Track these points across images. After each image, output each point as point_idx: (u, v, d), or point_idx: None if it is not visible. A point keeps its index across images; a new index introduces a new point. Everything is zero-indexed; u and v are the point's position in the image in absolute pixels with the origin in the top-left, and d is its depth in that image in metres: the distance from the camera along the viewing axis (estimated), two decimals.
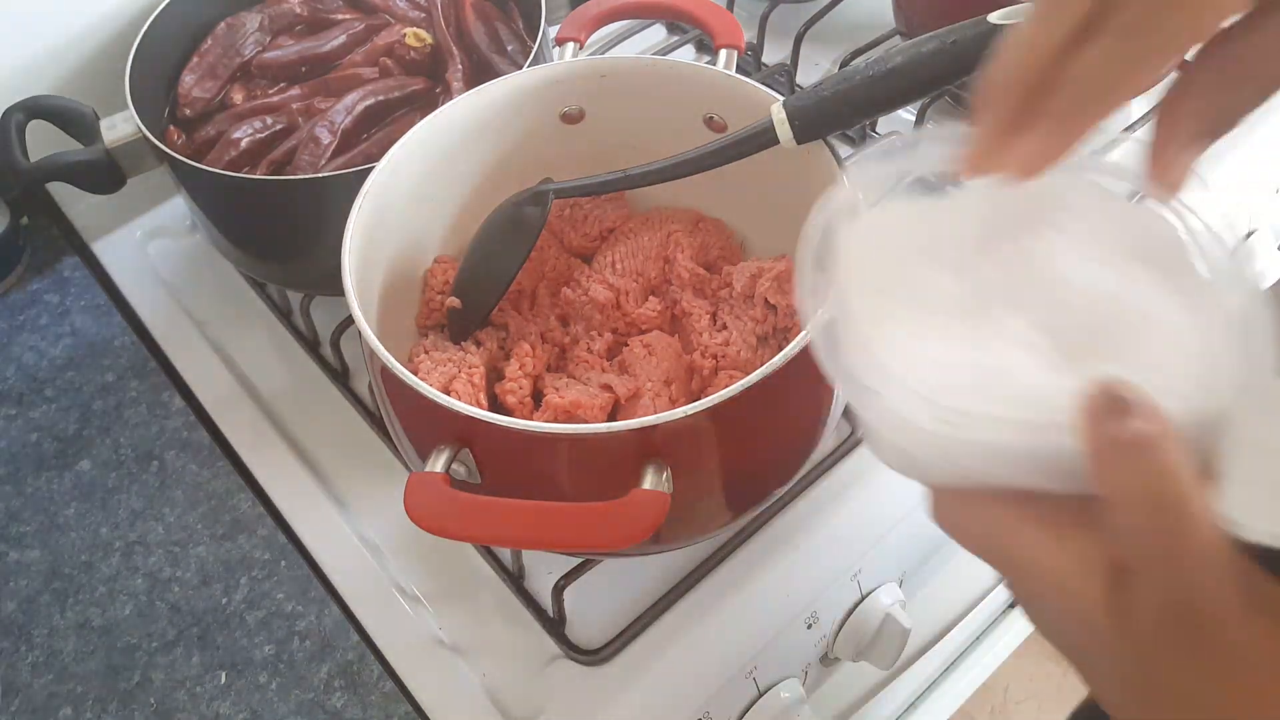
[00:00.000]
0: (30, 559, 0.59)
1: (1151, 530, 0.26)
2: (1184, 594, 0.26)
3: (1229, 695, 0.27)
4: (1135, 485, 0.26)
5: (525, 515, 0.43)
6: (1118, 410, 0.27)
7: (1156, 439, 0.26)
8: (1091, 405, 0.27)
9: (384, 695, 0.53)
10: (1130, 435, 0.26)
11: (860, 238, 0.34)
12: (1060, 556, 0.28)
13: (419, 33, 0.69)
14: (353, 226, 0.50)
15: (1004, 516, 0.30)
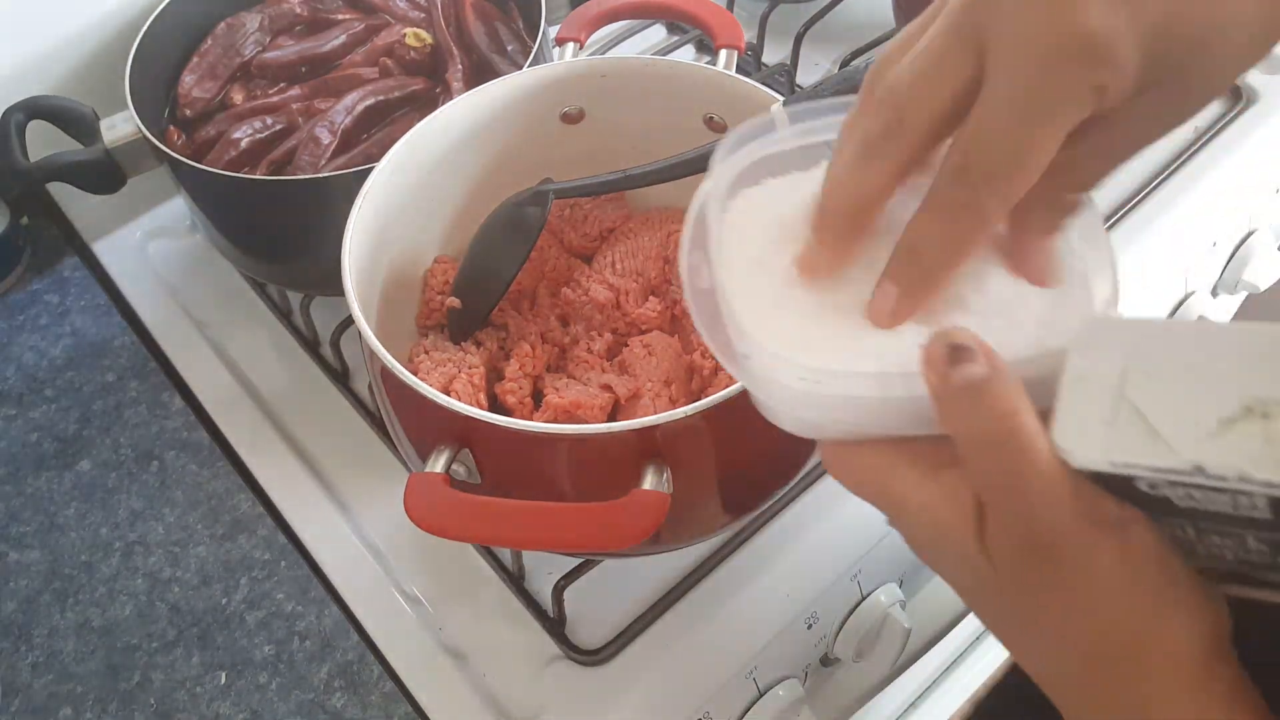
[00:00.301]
0: (30, 559, 0.59)
1: (994, 465, 0.29)
2: (1029, 521, 0.28)
3: (1079, 607, 0.29)
4: (975, 425, 0.29)
5: (525, 516, 0.43)
6: (955, 356, 0.29)
7: (990, 380, 0.28)
8: (930, 352, 0.29)
9: (384, 695, 0.53)
10: (964, 379, 0.28)
11: (733, 215, 0.36)
12: (932, 494, 0.31)
13: (419, 33, 0.69)
14: (353, 226, 0.50)
15: (881, 460, 0.32)
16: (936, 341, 0.29)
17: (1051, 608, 0.30)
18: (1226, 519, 0.27)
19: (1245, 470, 0.25)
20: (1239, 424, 0.26)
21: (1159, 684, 0.29)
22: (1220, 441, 0.26)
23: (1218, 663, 0.29)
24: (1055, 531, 0.28)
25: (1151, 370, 0.28)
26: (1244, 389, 0.26)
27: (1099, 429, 0.28)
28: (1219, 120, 0.75)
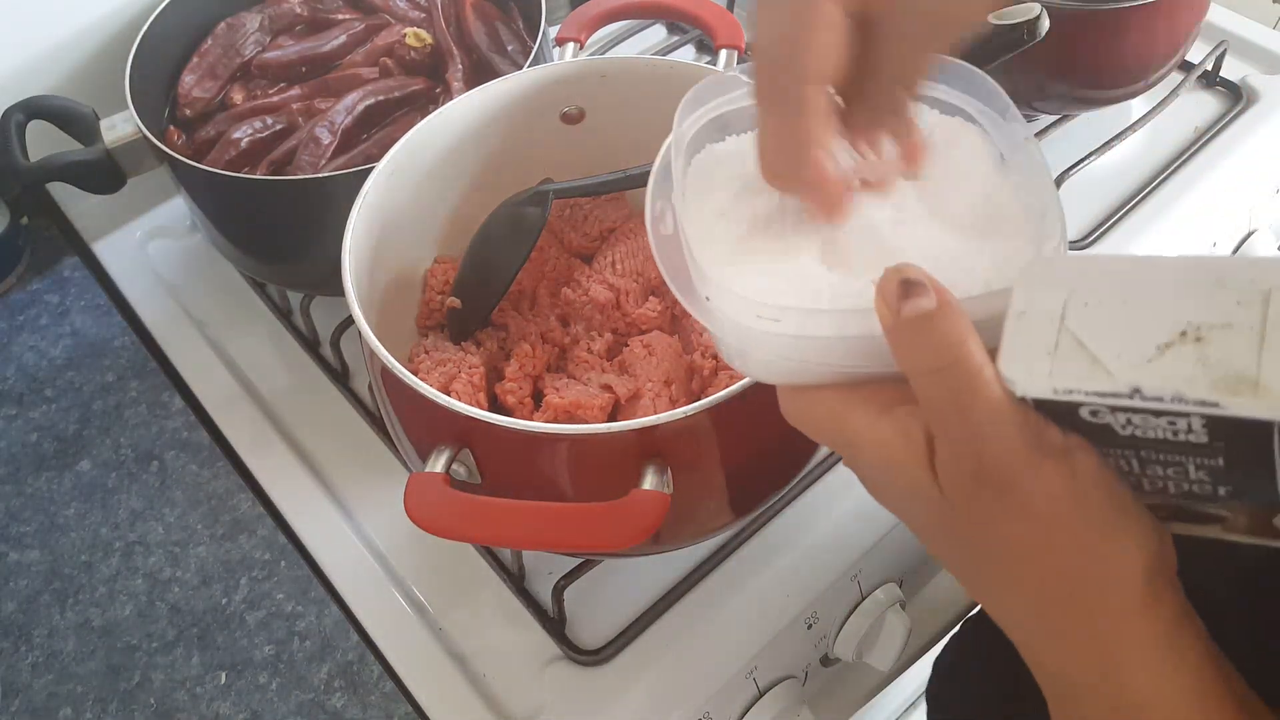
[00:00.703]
0: (30, 559, 0.59)
1: (941, 395, 0.29)
2: (976, 448, 0.29)
3: (1028, 534, 0.30)
4: (923, 356, 0.29)
5: (525, 516, 0.43)
6: (906, 290, 0.29)
7: (938, 312, 0.29)
8: (883, 287, 0.30)
9: (384, 695, 0.53)
10: (914, 310, 0.29)
11: (696, 168, 0.38)
12: (885, 430, 0.32)
13: (419, 33, 0.69)
14: (353, 226, 0.50)
15: (836, 401, 0.33)
16: (889, 276, 0.30)
17: (1002, 536, 0.30)
18: (1167, 445, 0.27)
19: (1180, 390, 0.26)
20: (1174, 348, 0.27)
21: (1108, 605, 0.30)
22: (1157, 365, 0.27)
23: (1163, 587, 0.30)
24: (1002, 459, 0.29)
25: (1091, 301, 0.28)
26: (1179, 315, 0.27)
27: (1043, 359, 0.28)
28: (1219, 120, 0.75)
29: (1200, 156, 0.73)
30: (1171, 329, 0.27)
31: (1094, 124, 0.73)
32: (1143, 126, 0.72)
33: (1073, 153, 0.70)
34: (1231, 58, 0.78)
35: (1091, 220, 0.70)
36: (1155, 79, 0.69)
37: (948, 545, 0.33)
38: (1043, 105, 0.71)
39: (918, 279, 0.29)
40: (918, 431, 0.31)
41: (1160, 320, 0.27)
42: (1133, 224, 0.69)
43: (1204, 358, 0.26)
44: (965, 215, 0.35)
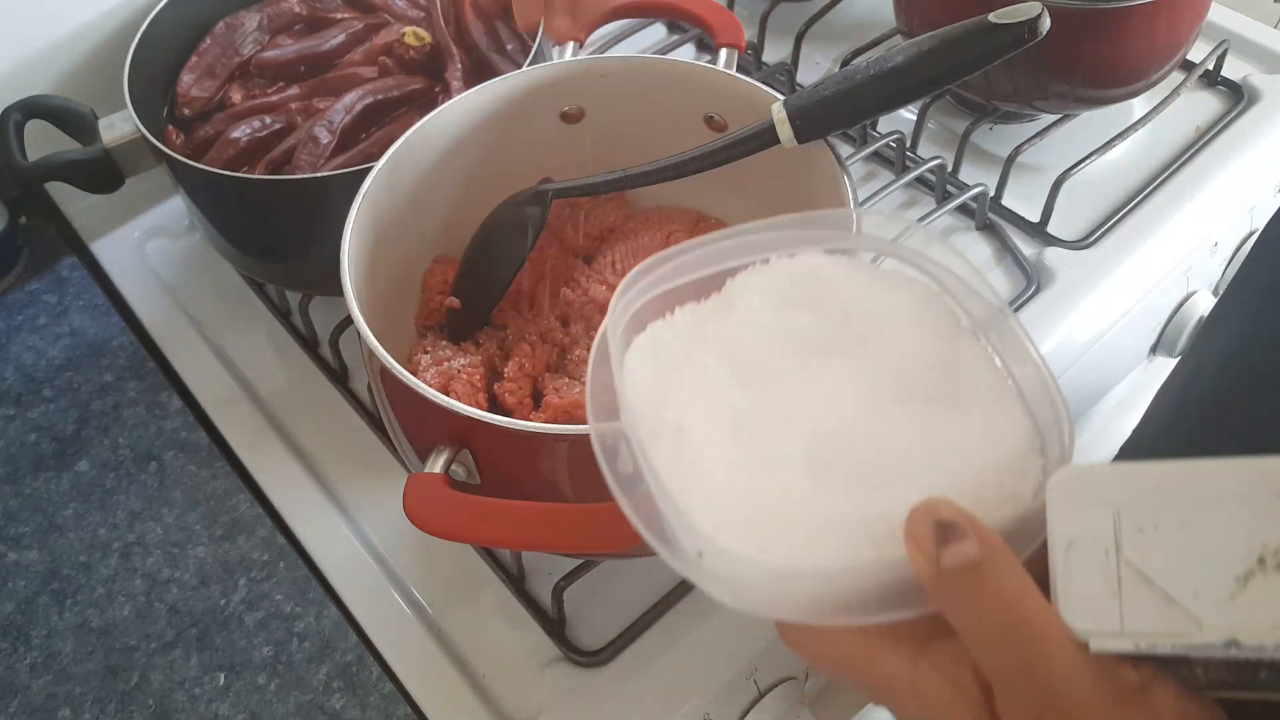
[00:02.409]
0: (28, 560, 0.59)
1: (1007, 654, 0.27)
2: (1051, 700, 0.26)
3: None
4: (980, 614, 0.27)
5: (525, 517, 0.42)
6: (944, 535, 0.27)
7: (988, 562, 0.26)
8: (915, 532, 0.27)
9: (383, 696, 0.53)
10: (960, 562, 0.26)
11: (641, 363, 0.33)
12: (930, 678, 0.29)
13: (418, 31, 0.69)
14: (352, 226, 0.50)
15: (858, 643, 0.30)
16: (920, 519, 0.27)
17: None
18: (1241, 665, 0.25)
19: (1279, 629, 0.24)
20: (1256, 579, 0.24)
21: None
22: (1244, 604, 0.24)
23: None
24: (1078, 712, 0.26)
25: (1145, 526, 0.26)
26: (1251, 537, 0.24)
27: (1108, 601, 0.26)
28: (1220, 119, 0.74)
29: (1201, 156, 0.73)
30: (1246, 555, 0.24)
31: (1095, 123, 0.73)
32: (1144, 126, 0.72)
33: (1073, 152, 0.70)
34: (1233, 57, 0.77)
35: (1092, 220, 0.70)
36: (1156, 78, 0.69)
37: None
38: (1043, 104, 0.71)
39: (953, 520, 0.27)
40: (968, 680, 0.28)
41: (1231, 545, 0.25)
42: (1134, 224, 0.69)
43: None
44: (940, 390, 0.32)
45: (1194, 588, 0.25)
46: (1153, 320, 0.76)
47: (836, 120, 0.49)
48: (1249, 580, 0.24)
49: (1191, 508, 0.25)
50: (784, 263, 0.36)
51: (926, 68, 0.46)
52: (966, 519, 0.27)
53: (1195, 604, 0.25)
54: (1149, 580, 0.25)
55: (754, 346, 0.34)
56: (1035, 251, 0.69)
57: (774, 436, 0.32)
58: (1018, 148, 0.70)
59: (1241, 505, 0.25)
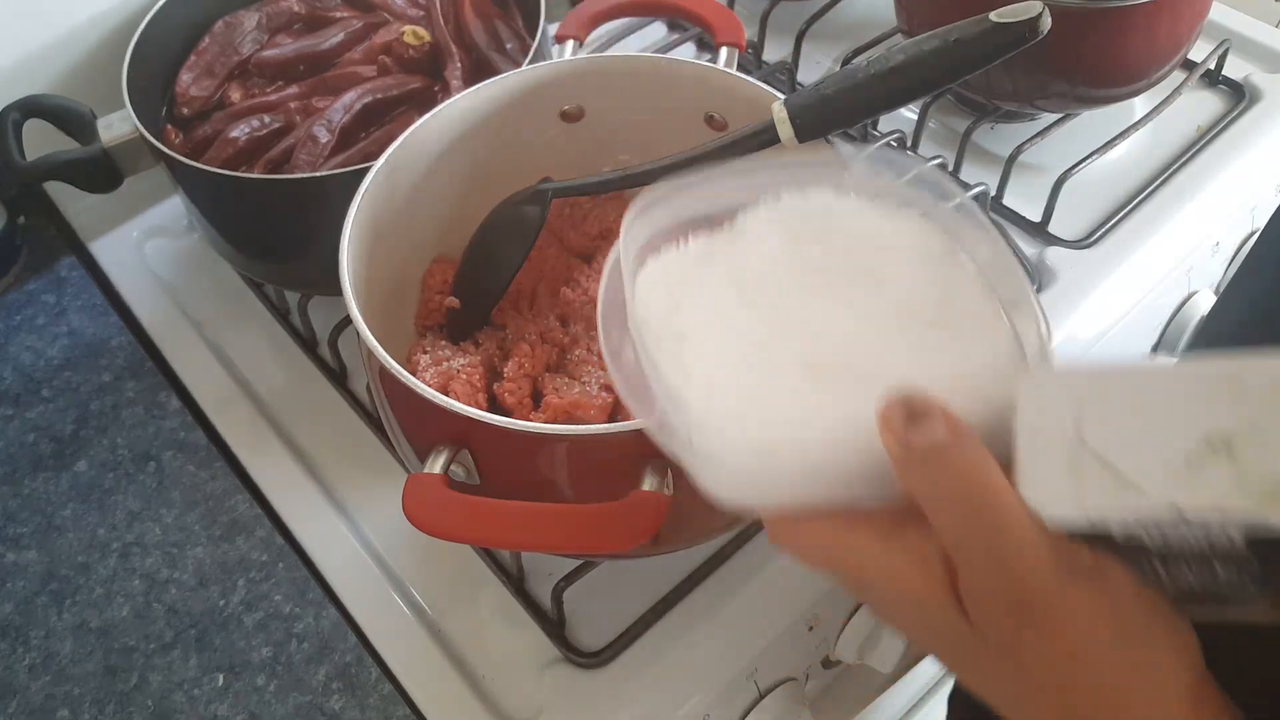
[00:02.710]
0: (27, 560, 0.59)
1: (967, 528, 0.28)
2: (1009, 579, 0.28)
3: (1059, 657, 0.29)
4: (943, 489, 0.28)
5: (524, 517, 0.42)
6: (913, 417, 0.28)
7: (953, 441, 0.28)
8: (887, 416, 0.29)
9: (382, 697, 0.53)
10: (928, 442, 0.28)
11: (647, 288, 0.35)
12: (898, 560, 0.30)
13: (418, 31, 0.69)
14: (351, 226, 0.50)
15: (835, 531, 0.31)
16: (892, 404, 0.29)
17: (1037, 664, 0.29)
18: (1198, 553, 0.27)
19: (1220, 505, 0.25)
20: (1205, 459, 0.26)
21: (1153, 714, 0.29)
22: (1190, 480, 0.26)
23: (1204, 688, 0.29)
24: (1036, 588, 0.28)
25: (1105, 414, 0.28)
26: (1202, 423, 0.26)
27: (1066, 480, 0.27)
28: (1221, 119, 0.74)
29: (1202, 155, 0.72)
30: (1197, 438, 0.26)
31: (1096, 123, 0.73)
32: (1145, 125, 0.72)
33: (1075, 152, 0.70)
34: (1234, 56, 0.77)
35: (1093, 219, 0.70)
36: (1157, 78, 0.69)
37: (975, 671, 0.32)
38: (1044, 104, 0.71)
39: (922, 404, 0.28)
40: (935, 560, 0.30)
41: (1184, 430, 0.26)
42: (1135, 223, 0.69)
43: (1239, 469, 0.25)
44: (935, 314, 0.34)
45: (1146, 469, 0.27)
46: (1154, 320, 0.76)
47: (837, 119, 0.49)
48: (1198, 461, 0.26)
49: (1149, 401, 0.27)
50: (795, 199, 0.38)
51: (927, 67, 0.46)
52: (935, 404, 0.28)
53: (1146, 482, 0.26)
54: (1106, 462, 0.27)
55: (761, 272, 0.36)
56: (1036, 251, 0.68)
57: (772, 346, 0.34)
58: (1019, 147, 0.70)
59: (1195, 398, 0.27)
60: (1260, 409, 0.26)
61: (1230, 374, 0.27)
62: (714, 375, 0.33)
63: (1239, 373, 0.27)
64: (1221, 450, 0.26)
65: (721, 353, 0.34)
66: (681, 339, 0.34)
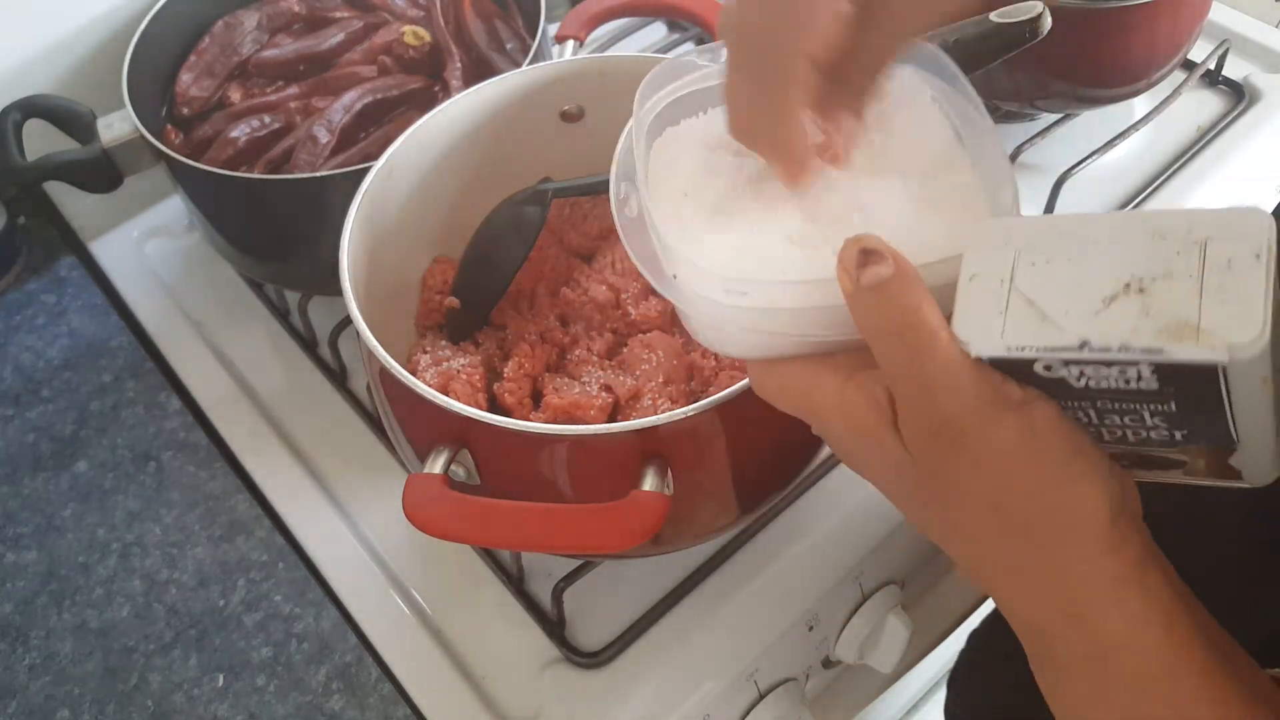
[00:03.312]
0: (27, 560, 0.59)
1: (899, 356, 0.30)
2: (934, 405, 0.30)
3: (988, 481, 0.31)
4: (882, 321, 0.30)
5: (524, 517, 0.42)
6: (865, 259, 0.30)
7: (895, 279, 0.30)
8: (843, 256, 0.31)
9: (382, 698, 0.53)
10: (873, 278, 0.30)
11: (658, 151, 0.39)
12: (851, 395, 0.33)
13: (418, 31, 0.69)
14: (351, 226, 0.50)
15: (803, 372, 0.34)
16: (849, 246, 0.31)
17: (964, 490, 0.31)
18: (1121, 394, 0.28)
19: (1126, 339, 0.27)
20: (1119, 300, 0.28)
21: (1073, 548, 0.31)
22: (1103, 317, 0.28)
23: (1127, 529, 0.31)
24: (958, 413, 0.30)
25: (1039, 261, 0.30)
26: (1122, 268, 0.28)
27: (995, 318, 0.29)
28: (1221, 119, 0.74)
29: (1203, 155, 0.72)
30: (1116, 282, 0.28)
31: (1096, 122, 0.73)
32: (1145, 125, 0.72)
33: (1075, 151, 0.70)
34: (1234, 57, 0.77)
35: None
36: (1158, 78, 0.69)
37: (915, 504, 0.34)
38: (1045, 104, 0.71)
39: (876, 248, 0.30)
40: (881, 394, 0.32)
41: (1105, 274, 0.28)
42: None
43: (1147, 307, 0.27)
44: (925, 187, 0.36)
45: (1066, 307, 0.29)
46: None
47: None
48: (1113, 301, 0.28)
49: (1079, 247, 0.29)
50: None
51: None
52: (888, 249, 0.30)
53: (1064, 319, 0.28)
54: (1031, 302, 0.29)
55: None
56: None
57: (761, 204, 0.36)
58: (1019, 147, 0.70)
59: (1120, 245, 0.29)
60: (1174, 256, 0.28)
61: (1152, 223, 0.29)
62: (705, 229, 0.36)
63: (1160, 222, 0.29)
64: (1135, 292, 0.28)
65: (715, 213, 0.37)
66: (682, 197, 0.37)
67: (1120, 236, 0.29)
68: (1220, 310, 0.26)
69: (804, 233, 0.36)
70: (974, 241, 0.31)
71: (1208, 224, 0.28)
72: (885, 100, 0.38)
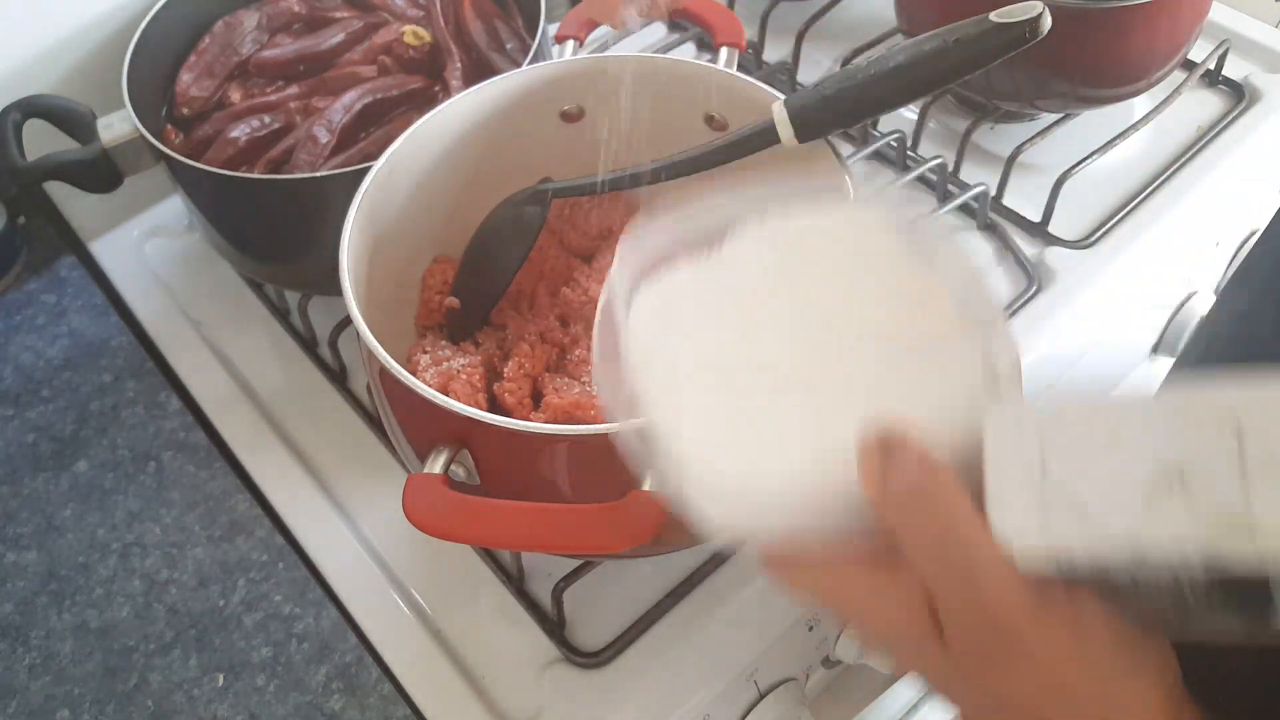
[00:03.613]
0: (27, 560, 0.59)
1: (942, 566, 0.29)
2: (981, 608, 0.29)
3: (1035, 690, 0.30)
4: (919, 528, 0.29)
5: (524, 517, 0.42)
6: (890, 453, 0.29)
7: (928, 481, 0.29)
8: (865, 450, 0.29)
9: (382, 698, 0.53)
10: (904, 483, 0.29)
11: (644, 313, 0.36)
12: (881, 596, 0.31)
13: (418, 31, 0.69)
14: (351, 226, 0.50)
15: (824, 566, 0.32)
16: (868, 436, 0.29)
17: (1014, 697, 0.30)
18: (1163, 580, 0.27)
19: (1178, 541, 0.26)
20: (1162, 492, 0.27)
21: None
22: (1149, 513, 0.27)
23: (1181, 709, 0.30)
24: (1009, 623, 0.29)
25: (1070, 449, 0.28)
26: (1159, 455, 0.27)
27: (1034, 514, 0.28)
28: (1221, 119, 0.74)
29: (1202, 155, 0.72)
30: (1155, 472, 0.27)
31: (1096, 123, 0.73)
32: (1145, 125, 0.72)
33: (1075, 152, 0.70)
34: (1234, 57, 0.77)
35: (1094, 219, 0.70)
36: (1157, 78, 0.69)
37: (962, 701, 0.33)
38: (1045, 104, 0.71)
39: (899, 442, 0.29)
40: (915, 594, 0.31)
41: (1142, 464, 0.27)
42: (1135, 223, 0.69)
43: (1192, 499, 0.26)
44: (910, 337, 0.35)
45: (1107, 502, 0.27)
46: (1154, 319, 0.76)
47: (837, 119, 0.49)
48: (1156, 494, 0.27)
49: (1111, 435, 0.28)
50: (778, 221, 0.38)
51: (927, 67, 0.46)
52: (912, 441, 0.29)
53: (1107, 515, 0.27)
54: (1068, 496, 0.28)
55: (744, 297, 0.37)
56: (1036, 251, 0.68)
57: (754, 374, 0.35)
58: (1019, 147, 0.70)
59: (1152, 428, 0.28)
60: (1212, 438, 0.27)
61: (1184, 403, 0.28)
62: (698, 405, 0.34)
63: (1192, 402, 0.27)
64: (1176, 482, 0.27)
65: (706, 381, 0.35)
66: (671, 368, 0.35)
67: (1151, 419, 0.28)
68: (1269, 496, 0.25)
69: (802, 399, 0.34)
70: (995, 422, 0.30)
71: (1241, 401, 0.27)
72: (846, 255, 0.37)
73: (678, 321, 0.36)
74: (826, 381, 0.34)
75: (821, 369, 0.34)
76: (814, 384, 0.34)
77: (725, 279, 0.37)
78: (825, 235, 0.38)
